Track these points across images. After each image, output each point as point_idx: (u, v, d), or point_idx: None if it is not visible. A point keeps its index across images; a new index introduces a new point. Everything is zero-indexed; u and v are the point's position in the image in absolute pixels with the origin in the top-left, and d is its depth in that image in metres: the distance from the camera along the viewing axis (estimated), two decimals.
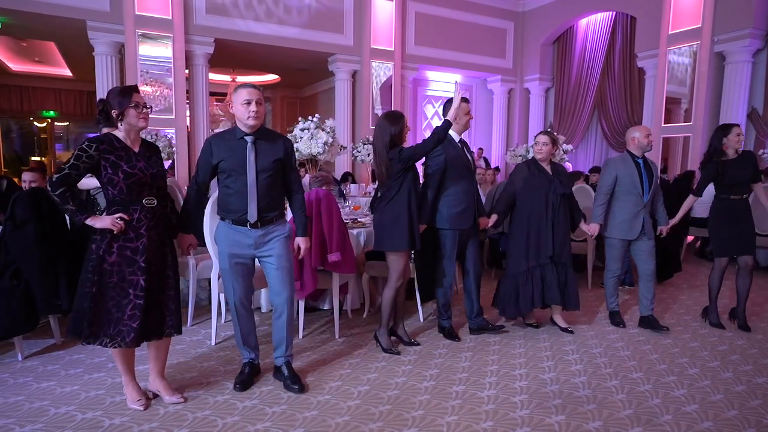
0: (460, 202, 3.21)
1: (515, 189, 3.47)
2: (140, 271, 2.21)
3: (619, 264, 3.65)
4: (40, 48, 10.51)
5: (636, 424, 2.31)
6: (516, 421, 2.32)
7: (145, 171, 2.23)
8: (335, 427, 2.26)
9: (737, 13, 7.31)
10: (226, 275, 2.55)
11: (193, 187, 2.56)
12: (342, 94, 9.61)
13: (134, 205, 2.22)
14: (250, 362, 2.68)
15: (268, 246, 2.53)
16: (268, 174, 2.48)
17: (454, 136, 3.25)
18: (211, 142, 2.51)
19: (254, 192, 2.44)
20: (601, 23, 10.11)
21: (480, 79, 11.55)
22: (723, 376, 2.84)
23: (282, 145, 2.56)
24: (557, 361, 3.03)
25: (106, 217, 2.18)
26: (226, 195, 2.50)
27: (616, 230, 3.57)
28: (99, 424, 2.24)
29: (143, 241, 2.22)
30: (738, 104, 7.52)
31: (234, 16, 8.29)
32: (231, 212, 2.49)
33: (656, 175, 3.57)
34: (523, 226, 3.43)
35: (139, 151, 2.27)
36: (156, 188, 2.29)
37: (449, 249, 3.26)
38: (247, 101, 2.41)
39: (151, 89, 7.82)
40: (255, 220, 2.46)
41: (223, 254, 2.53)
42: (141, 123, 2.25)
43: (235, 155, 2.44)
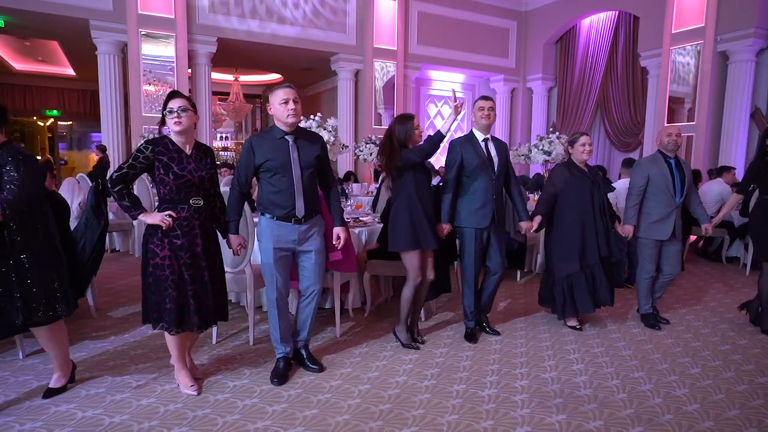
0: (478, 200, 3.18)
1: (556, 191, 3.43)
2: (185, 267, 2.35)
3: (653, 265, 3.59)
4: (44, 47, 10.55)
5: (637, 424, 2.30)
6: (516, 420, 2.32)
7: (194, 173, 2.36)
8: (335, 426, 2.26)
9: (740, 13, 7.28)
10: (268, 270, 2.65)
11: (236, 188, 2.63)
12: (345, 94, 9.61)
13: (182, 204, 2.36)
14: (285, 357, 2.77)
15: (309, 241, 2.68)
16: (311, 171, 2.63)
17: (478, 135, 3.25)
18: (252, 143, 2.60)
19: (300, 188, 2.57)
20: (604, 23, 10.08)
21: (483, 78, 11.54)
22: (725, 376, 2.83)
23: (318, 142, 2.71)
24: (558, 360, 3.02)
25: (156, 214, 2.33)
26: (271, 193, 2.59)
27: (649, 231, 3.52)
28: (99, 423, 2.24)
29: (189, 238, 2.35)
30: (741, 104, 7.49)
31: (237, 16, 8.30)
32: (277, 209, 2.59)
33: (688, 176, 3.51)
34: (569, 228, 3.39)
35: (191, 153, 2.40)
36: (203, 189, 2.41)
37: (467, 247, 3.26)
38: (285, 100, 2.52)
39: (154, 88, 7.84)
40: (303, 215, 2.59)
41: (266, 249, 2.63)
42: (174, 127, 2.35)
43: (278, 154, 2.55)
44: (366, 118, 9.59)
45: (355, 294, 3.86)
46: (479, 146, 3.22)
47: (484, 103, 3.25)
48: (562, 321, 3.63)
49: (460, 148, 3.21)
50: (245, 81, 12.89)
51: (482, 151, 3.21)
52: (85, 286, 3.51)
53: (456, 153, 3.21)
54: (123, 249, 6.21)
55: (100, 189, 3.68)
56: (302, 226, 2.63)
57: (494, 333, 3.44)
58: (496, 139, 3.35)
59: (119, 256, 5.93)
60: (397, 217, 3.00)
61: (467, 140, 3.26)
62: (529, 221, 3.38)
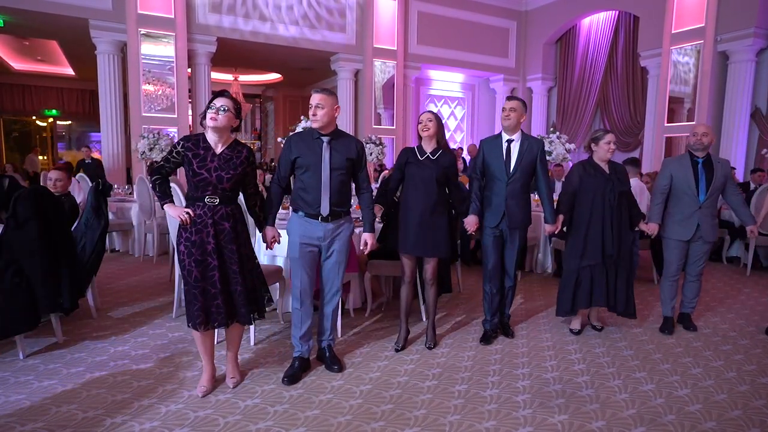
0: (490, 201, 3.25)
1: (574, 189, 3.42)
2: (194, 263, 2.37)
3: (677, 266, 3.54)
4: (43, 47, 10.53)
5: (639, 424, 2.30)
6: (519, 421, 2.31)
7: (212, 172, 2.38)
8: (337, 426, 2.25)
9: (740, 13, 7.28)
10: (295, 264, 2.73)
11: (275, 182, 2.74)
12: (344, 94, 9.60)
13: (198, 202, 2.40)
14: (300, 357, 2.79)
15: (335, 240, 2.73)
16: (341, 172, 2.68)
17: (504, 136, 3.25)
18: (291, 139, 2.74)
19: (327, 188, 2.64)
20: (604, 22, 10.08)
21: (482, 78, 11.53)
22: (727, 376, 2.83)
23: (354, 146, 2.75)
24: (560, 361, 3.01)
25: (178, 207, 2.43)
26: (300, 189, 2.69)
27: (671, 230, 3.49)
28: (100, 423, 2.23)
29: (201, 236, 2.38)
30: (741, 104, 7.49)
31: (236, 15, 8.29)
32: (305, 205, 2.68)
33: (720, 175, 3.39)
34: (580, 225, 3.39)
35: (220, 153, 2.42)
36: (221, 189, 2.40)
37: (484, 247, 3.32)
38: (310, 105, 2.64)
39: (153, 88, 7.82)
40: (327, 214, 2.65)
41: (294, 243, 2.71)
42: (209, 122, 2.38)
43: (312, 153, 2.65)
44: (366, 118, 9.58)
45: (356, 294, 3.85)
46: (500, 147, 3.23)
47: (505, 103, 3.26)
48: (562, 317, 3.61)
49: (484, 147, 3.29)
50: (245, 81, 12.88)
51: (501, 152, 3.22)
52: (86, 286, 3.50)
53: (480, 152, 3.30)
54: (123, 249, 6.20)
55: (100, 189, 3.67)
56: (329, 224, 2.69)
57: (509, 335, 3.41)
58: (529, 139, 3.27)
59: (119, 256, 5.92)
60: (393, 220, 3.10)
61: (493, 140, 3.30)
62: (553, 224, 3.36)
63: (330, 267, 2.79)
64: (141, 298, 4.17)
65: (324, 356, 2.88)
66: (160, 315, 3.72)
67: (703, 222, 3.40)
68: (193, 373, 2.76)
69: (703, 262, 3.55)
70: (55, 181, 3.64)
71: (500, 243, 3.31)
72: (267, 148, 15.08)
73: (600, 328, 3.53)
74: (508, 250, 3.33)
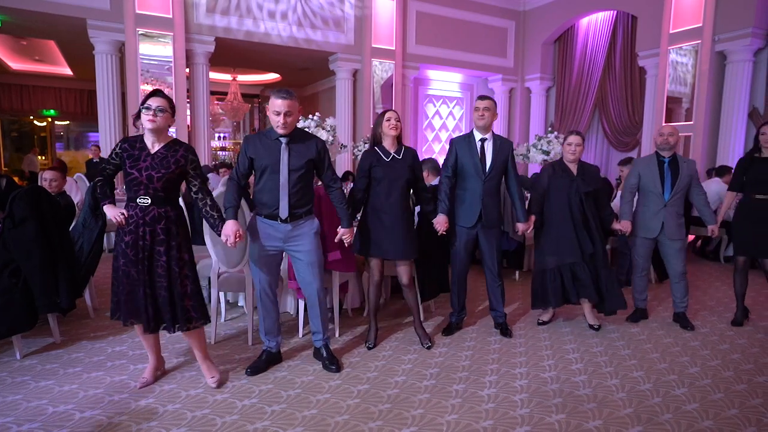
0: (466, 199, 3.23)
1: (543, 189, 3.48)
2: (129, 264, 2.37)
3: (645, 263, 3.67)
4: (41, 47, 10.51)
5: (636, 423, 2.30)
6: (516, 420, 2.32)
7: (143, 172, 2.34)
8: (335, 426, 2.25)
9: (738, 13, 7.29)
10: (253, 264, 2.75)
11: (233, 179, 2.70)
12: (343, 93, 9.59)
13: (131, 202, 2.38)
14: (268, 350, 2.84)
15: (297, 241, 2.69)
16: (300, 173, 2.63)
17: (477, 135, 3.26)
18: (249, 139, 2.70)
19: (286, 190, 2.61)
20: (602, 22, 10.09)
21: (481, 78, 11.54)
22: (724, 375, 2.83)
23: (314, 146, 2.70)
24: (558, 360, 3.02)
25: (114, 208, 2.40)
26: (260, 191, 2.66)
27: (638, 228, 3.63)
28: (97, 423, 2.23)
29: (132, 237, 2.36)
30: (739, 103, 7.50)
31: (235, 15, 8.28)
32: (264, 207, 2.66)
33: (683, 175, 3.49)
34: (547, 225, 3.47)
35: (155, 152, 2.39)
36: (153, 189, 2.35)
37: (456, 245, 3.31)
38: (277, 112, 2.56)
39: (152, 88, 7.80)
40: (286, 216, 2.62)
41: (254, 245, 2.72)
42: (147, 125, 2.36)
43: (270, 154, 2.61)
44: (364, 118, 9.57)
45: (353, 294, 3.85)
46: (474, 146, 3.24)
47: (479, 103, 3.27)
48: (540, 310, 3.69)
49: (456, 146, 3.27)
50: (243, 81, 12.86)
51: (476, 151, 3.22)
52: (83, 286, 3.50)
53: (452, 151, 3.28)
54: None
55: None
56: (288, 225, 2.65)
57: (507, 334, 3.41)
58: (500, 138, 3.32)
59: None
60: (360, 221, 3.11)
61: (465, 139, 3.29)
62: (526, 223, 3.38)
63: (302, 270, 2.75)
64: None
65: (320, 356, 2.88)
66: None
67: (668, 220, 3.50)
68: (191, 373, 2.76)
69: (682, 262, 3.58)
70: (50, 182, 3.63)
71: (471, 246, 3.31)
72: None
73: (597, 327, 3.54)
74: (488, 250, 3.32)
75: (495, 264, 3.34)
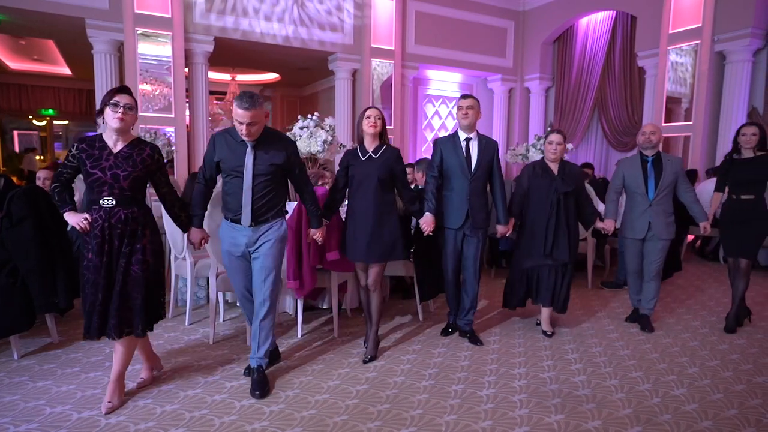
0: (453, 200, 3.18)
1: (523, 190, 3.45)
2: (96, 270, 2.26)
3: (633, 263, 3.63)
4: (39, 46, 10.49)
5: (635, 424, 2.30)
6: (515, 420, 2.31)
7: (107, 171, 2.23)
8: (333, 427, 2.24)
9: (737, 13, 7.29)
10: (227, 271, 2.70)
11: (201, 182, 2.62)
12: (342, 93, 9.59)
13: (95, 205, 2.27)
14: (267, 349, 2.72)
15: (259, 244, 2.58)
16: (265, 178, 2.51)
17: (461, 134, 3.22)
18: (215, 139, 2.57)
19: (249, 196, 2.49)
20: (602, 22, 10.09)
21: (480, 78, 11.53)
22: (723, 375, 2.83)
23: (283, 149, 2.57)
24: (557, 360, 3.01)
25: (77, 214, 2.28)
26: (225, 194, 2.58)
27: (624, 228, 3.62)
28: (95, 424, 2.22)
29: (98, 241, 2.25)
30: (738, 103, 7.50)
31: (234, 15, 8.27)
32: (229, 211, 2.58)
33: (668, 173, 3.46)
34: (527, 226, 3.44)
35: (118, 152, 2.28)
36: (118, 189, 2.25)
37: (444, 247, 3.25)
38: (240, 122, 2.40)
39: (151, 88, 7.79)
40: (248, 224, 2.53)
41: (223, 252, 2.64)
42: (114, 123, 2.23)
43: (235, 157, 2.49)
44: None
45: (352, 294, 3.84)
46: (459, 146, 3.19)
47: (462, 102, 3.22)
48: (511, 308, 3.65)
49: (441, 146, 3.22)
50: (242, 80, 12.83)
51: (461, 151, 3.18)
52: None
53: (437, 151, 3.22)
54: None
55: None
56: (251, 230, 2.54)
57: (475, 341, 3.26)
58: (484, 138, 3.27)
59: None
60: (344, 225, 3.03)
61: (450, 139, 3.24)
62: (505, 225, 3.33)
63: (257, 274, 2.59)
64: None
65: (252, 375, 2.59)
66: None
67: (655, 220, 3.46)
68: (189, 373, 2.75)
69: (660, 261, 3.55)
70: (43, 180, 3.63)
71: (461, 247, 3.23)
72: None
73: (551, 333, 3.45)
74: (472, 253, 3.23)
75: (477, 267, 3.26)
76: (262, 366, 2.62)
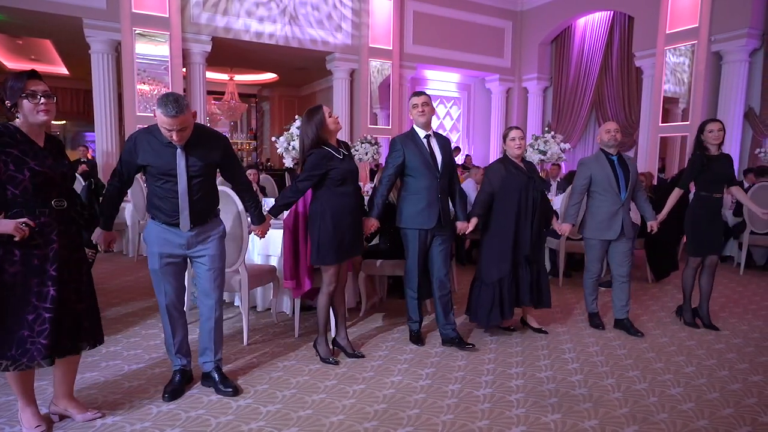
0: (422, 200, 3.04)
1: (493, 190, 3.27)
2: (51, 281, 1.97)
3: (599, 265, 3.57)
4: (36, 46, 10.46)
5: (632, 423, 2.30)
6: (512, 420, 2.31)
7: (55, 169, 1.99)
8: (330, 426, 2.24)
9: (734, 13, 7.31)
10: (154, 276, 2.43)
11: (115, 182, 2.38)
12: (340, 93, 9.60)
13: (42, 208, 1.97)
14: (182, 369, 2.56)
15: (201, 246, 2.44)
16: (201, 179, 2.36)
17: (420, 132, 3.11)
18: (136, 140, 2.32)
19: (186, 200, 2.32)
20: (599, 23, 10.11)
21: (478, 78, 11.55)
22: (719, 374, 2.83)
23: (217, 147, 2.43)
24: (554, 360, 3.02)
25: (7, 221, 1.89)
26: (156, 197, 2.37)
27: (595, 230, 3.47)
28: (91, 424, 2.21)
29: (54, 247, 1.98)
30: (735, 103, 7.52)
31: (232, 15, 8.27)
32: (162, 214, 2.37)
33: (633, 172, 3.46)
34: (505, 228, 3.23)
35: (44, 147, 2.02)
36: (66, 188, 2.08)
37: (411, 249, 3.13)
38: (168, 130, 2.20)
39: (148, 87, 7.78)
40: (188, 228, 2.36)
41: (153, 254, 2.40)
42: (40, 117, 1.94)
43: (162, 160, 2.28)
44: (361, 118, 9.57)
45: (349, 294, 3.84)
46: (422, 143, 3.08)
47: (416, 99, 3.10)
48: (484, 329, 3.46)
49: (402, 145, 3.06)
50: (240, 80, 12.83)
51: (425, 148, 3.07)
52: None
53: (397, 151, 3.06)
54: (116, 249, 6.16)
55: (93, 189, 3.66)
56: (191, 231, 2.38)
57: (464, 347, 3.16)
58: (438, 135, 3.20)
59: (112, 256, 5.89)
60: (322, 232, 2.79)
61: (409, 138, 3.10)
62: (466, 222, 3.22)
63: (204, 276, 2.47)
64: (134, 298, 4.15)
65: (211, 380, 2.52)
66: (152, 315, 3.70)
67: (625, 219, 3.44)
68: None
69: (631, 261, 3.55)
70: None
71: (425, 247, 3.14)
72: (263, 148, 15.04)
73: (545, 330, 3.45)
74: (442, 256, 3.15)
75: (446, 270, 3.19)
76: (219, 366, 2.56)
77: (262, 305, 3.85)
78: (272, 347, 3.15)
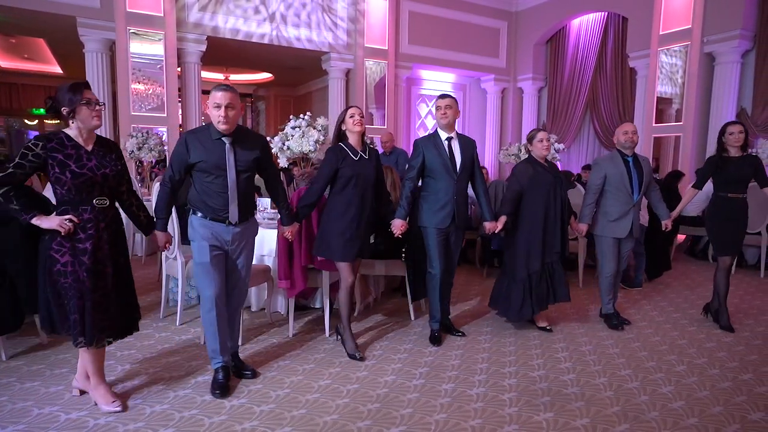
0: (439, 200, 3.14)
1: (522, 189, 3.36)
2: (87, 272, 2.18)
3: (614, 264, 3.61)
4: (30, 45, 10.40)
5: (623, 421, 2.32)
6: (504, 419, 2.33)
7: (96, 170, 2.19)
8: (323, 426, 2.25)
9: (727, 15, 7.36)
10: (203, 269, 2.50)
11: (167, 184, 2.51)
12: (335, 93, 9.58)
13: (84, 206, 2.19)
14: (225, 365, 2.58)
15: (242, 244, 2.61)
16: (248, 174, 2.54)
17: (442, 134, 3.19)
18: (187, 140, 2.46)
19: (235, 193, 2.48)
20: (594, 23, 10.15)
21: (473, 78, 11.57)
22: (709, 373, 2.86)
23: (259, 144, 2.60)
24: (547, 359, 3.03)
25: (54, 217, 2.15)
26: (204, 193, 2.48)
27: (608, 229, 3.57)
28: (83, 425, 2.21)
29: (92, 242, 2.19)
30: (727, 104, 7.57)
31: (227, 14, 8.24)
32: (209, 210, 2.48)
33: (647, 173, 3.55)
34: (535, 226, 3.35)
35: (92, 150, 2.22)
36: (108, 188, 2.24)
37: (431, 247, 3.22)
38: (217, 105, 2.38)
39: (143, 87, 7.75)
40: (236, 221, 2.52)
41: (203, 247, 2.49)
42: (94, 122, 2.19)
43: (213, 156, 2.43)
44: None
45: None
46: (442, 146, 3.16)
47: (440, 102, 3.18)
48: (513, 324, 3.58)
49: (422, 148, 3.16)
50: (236, 80, 12.80)
51: (444, 150, 3.15)
52: None
53: (418, 153, 3.16)
54: None
55: None
56: (237, 228, 2.53)
57: (460, 334, 3.39)
58: (462, 136, 3.26)
59: None
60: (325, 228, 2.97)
61: (430, 140, 3.19)
62: (494, 221, 3.31)
63: (236, 272, 2.64)
64: None
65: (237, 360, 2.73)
66: (147, 315, 3.69)
67: (635, 219, 3.54)
68: (180, 374, 2.75)
69: (627, 261, 3.70)
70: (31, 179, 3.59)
71: (445, 246, 3.24)
72: None
73: (550, 329, 3.51)
74: (454, 251, 3.32)
75: (455, 266, 3.37)
76: (236, 351, 2.77)
77: (257, 305, 3.85)
78: (267, 347, 3.15)
